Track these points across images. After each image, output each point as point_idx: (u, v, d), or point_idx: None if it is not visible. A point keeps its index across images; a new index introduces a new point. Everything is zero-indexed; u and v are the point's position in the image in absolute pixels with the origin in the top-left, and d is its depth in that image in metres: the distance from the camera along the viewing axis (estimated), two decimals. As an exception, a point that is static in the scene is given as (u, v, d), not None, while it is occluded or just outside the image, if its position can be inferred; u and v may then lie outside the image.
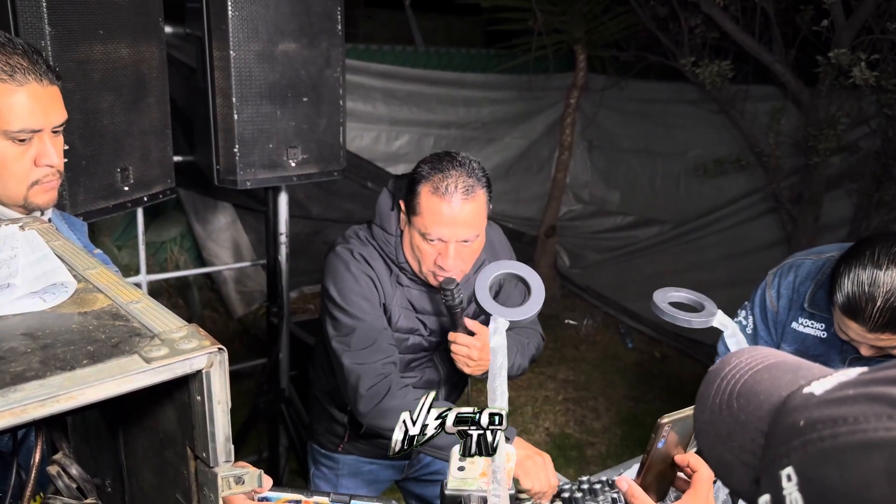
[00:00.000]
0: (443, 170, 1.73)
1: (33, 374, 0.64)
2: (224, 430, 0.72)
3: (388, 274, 1.88)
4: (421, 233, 1.75)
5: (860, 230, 4.84)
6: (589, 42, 5.62)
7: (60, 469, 0.83)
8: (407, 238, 1.82)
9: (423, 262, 1.80)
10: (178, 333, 0.72)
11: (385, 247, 1.87)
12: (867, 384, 0.52)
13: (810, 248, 4.95)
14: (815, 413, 0.53)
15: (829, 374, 0.59)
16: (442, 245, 1.75)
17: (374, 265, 1.86)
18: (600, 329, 5.36)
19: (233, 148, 2.51)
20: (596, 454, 3.90)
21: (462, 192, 1.71)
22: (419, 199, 1.74)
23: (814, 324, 1.94)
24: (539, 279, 1.41)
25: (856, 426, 0.49)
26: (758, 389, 0.63)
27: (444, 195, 1.70)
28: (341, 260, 1.85)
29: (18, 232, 0.96)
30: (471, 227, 1.75)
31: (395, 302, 1.88)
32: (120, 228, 4.62)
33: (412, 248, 1.80)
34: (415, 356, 1.97)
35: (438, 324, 1.95)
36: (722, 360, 0.71)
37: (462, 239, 1.75)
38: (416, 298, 1.91)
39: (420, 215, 1.74)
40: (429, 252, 1.77)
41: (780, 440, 0.56)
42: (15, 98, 1.27)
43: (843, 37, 4.25)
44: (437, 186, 1.71)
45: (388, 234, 1.87)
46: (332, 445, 2.12)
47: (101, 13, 2.04)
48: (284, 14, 2.49)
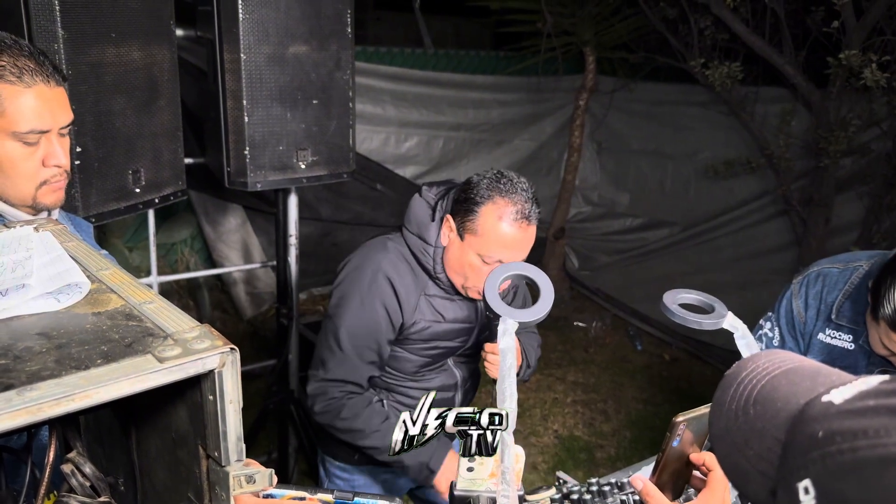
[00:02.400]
0: (506, 194, 1.71)
1: (49, 373, 0.65)
2: (236, 429, 0.73)
3: (415, 285, 1.85)
4: (479, 253, 1.74)
5: (871, 233, 4.81)
6: (598, 44, 5.62)
7: (74, 468, 0.84)
8: (454, 254, 1.79)
9: (472, 280, 1.79)
10: (190, 333, 0.73)
11: (422, 257, 1.84)
12: (889, 395, 0.51)
13: (821, 250, 4.94)
14: (835, 424, 0.52)
15: (849, 381, 0.58)
16: (499, 265, 1.74)
17: (397, 282, 1.82)
18: (609, 331, 5.35)
19: (243, 150, 2.53)
20: (605, 456, 3.90)
21: (527, 220, 1.73)
22: (480, 221, 1.72)
23: (841, 335, 1.90)
24: (548, 281, 1.41)
25: (876, 440, 0.48)
26: (775, 396, 0.61)
27: (512, 222, 1.71)
28: (357, 280, 1.83)
29: (33, 233, 0.97)
30: (527, 250, 1.78)
31: (419, 315, 1.86)
32: (131, 230, 4.65)
33: (461, 264, 1.79)
34: (432, 361, 1.97)
35: (463, 331, 1.95)
36: (738, 364, 0.69)
37: (518, 260, 1.76)
38: (446, 308, 1.90)
39: (481, 237, 1.73)
40: (483, 270, 1.75)
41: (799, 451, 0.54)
42: (23, 99, 1.29)
43: (854, 38, 4.23)
44: (504, 212, 1.70)
45: (426, 244, 1.83)
46: (346, 456, 2.07)
47: (113, 16, 2.06)
48: (294, 17, 2.50)
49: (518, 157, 6.46)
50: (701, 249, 6.00)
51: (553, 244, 5.85)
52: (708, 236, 6.03)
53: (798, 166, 5.13)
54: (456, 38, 8.14)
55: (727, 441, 0.64)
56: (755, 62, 5.08)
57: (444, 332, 1.92)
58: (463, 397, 2.09)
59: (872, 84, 3.98)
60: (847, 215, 5.06)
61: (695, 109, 6.02)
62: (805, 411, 0.57)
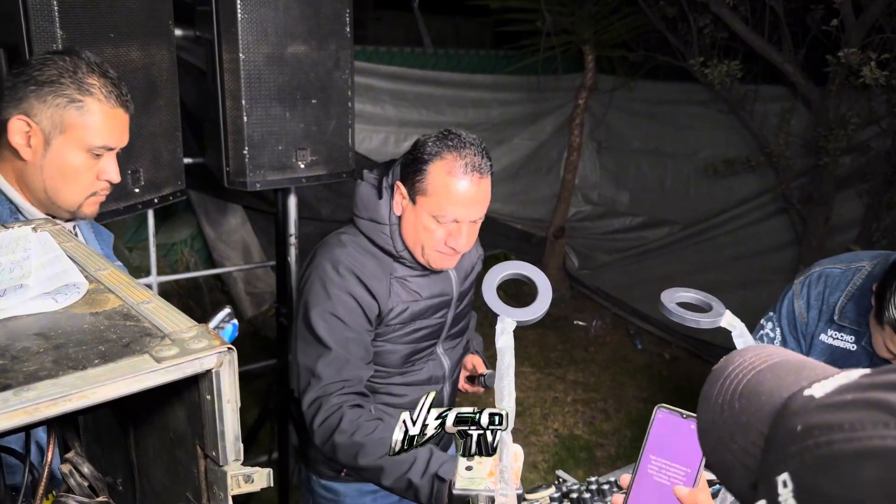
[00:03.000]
0: (454, 149, 1.67)
1: (46, 373, 0.65)
2: (233, 429, 0.73)
3: (381, 272, 1.78)
4: (432, 214, 1.68)
5: (871, 231, 4.82)
6: (597, 43, 5.62)
7: (72, 467, 0.84)
8: (409, 221, 1.74)
9: (429, 243, 1.72)
10: (188, 333, 0.73)
11: (378, 239, 1.78)
12: (866, 389, 0.51)
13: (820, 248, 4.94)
14: (814, 418, 0.52)
15: (832, 374, 0.58)
16: (454, 225, 1.70)
17: (362, 273, 1.75)
18: (609, 330, 5.35)
19: (242, 150, 2.53)
20: (605, 455, 3.90)
21: (478, 172, 1.66)
22: (429, 179, 1.67)
23: (843, 336, 1.89)
24: (546, 280, 1.41)
25: (852, 434, 0.48)
26: (760, 390, 0.61)
27: (462, 176, 1.65)
28: (319, 277, 1.76)
29: (31, 233, 0.97)
30: (484, 206, 1.72)
31: (395, 300, 1.79)
32: (131, 230, 4.65)
33: (416, 230, 1.73)
34: (418, 347, 1.89)
35: (444, 305, 1.89)
36: (726, 359, 0.70)
37: (475, 218, 1.71)
38: (419, 285, 1.83)
39: (431, 196, 1.67)
40: (437, 233, 1.70)
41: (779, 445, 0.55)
42: (105, 118, 1.48)
43: (853, 36, 4.23)
44: (452, 166, 1.65)
45: (380, 224, 1.77)
46: (332, 473, 1.96)
47: (111, 16, 2.06)
48: (293, 16, 2.50)
49: (518, 156, 6.46)
50: (701, 248, 6.00)
51: (553, 243, 5.85)
52: (708, 235, 6.03)
53: (798, 164, 5.13)
54: (455, 38, 8.13)
55: (713, 435, 0.64)
56: (754, 60, 5.08)
57: (423, 311, 1.84)
58: (452, 388, 2.03)
59: (871, 82, 3.98)
60: (847, 213, 5.06)
61: (694, 108, 6.02)
62: (787, 405, 0.57)
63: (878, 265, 1.84)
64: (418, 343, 1.88)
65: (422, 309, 1.84)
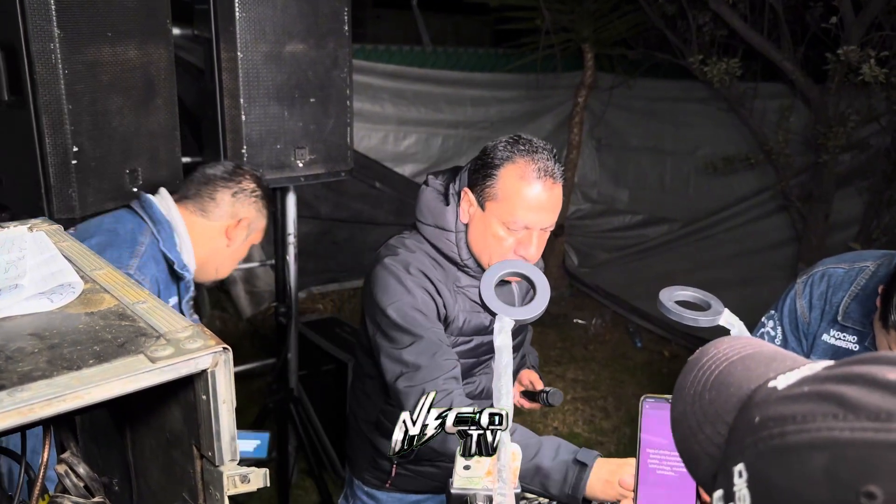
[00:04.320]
0: (527, 153, 1.62)
1: (40, 373, 0.64)
2: (229, 429, 0.73)
3: (446, 279, 1.73)
4: (502, 220, 1.64)
5: (871, 228, 4.81)
6: (597, 41, 5.62)
7: (68, 468, 0.84)
8: (477, 228, 1.68)
9: (498, 252, 1.67)
10: (183, 333, 0.73)
11: (443, 246, 1.73)
12: (823, 381, 0.52)
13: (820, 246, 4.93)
14: (771, 410, 0.53)
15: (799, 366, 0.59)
16: (525, 233, 1.64)
17: (431, 275, 1.70)
18: (609, 328, 5.35)
19: (241, 149, 2.52)
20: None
21: (551, 177, 1.62)
22: (501, 184, 1.62)
23: (846, 336, 1.86)
24: (545, 279, 1.41)
25: (803, 425, 0.49)
26: (730, 381, 0.62)
27: (534, 180, 1.60)
28: (392, 274, 1.68)
29: (27, 233, 0.97)
30: (555, 213, 1.66)
31: (458, 308, 1.74)
32: (130, 229, 4.64)
33: (485, 238, 1.67)
34: (478, 360, 1.84)
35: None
36: (701, 350, 0.70)
37: (546, 226, 1.66)
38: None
39: (502, 201, 1.62)
40: (507, 241, 1.65)
41: (738, 436, 0.56)
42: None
43: (853, 34, 4.23)
44: (525, 171, 1.60)
45: (446, 231, 1.72)
46: (377, 482, 1.92)
47: (109, 15, 2.05)
48: (292, 15, 2.49)
49: (517, 154, 6.45)
50: (700, 246, 6.00)
51: (552, 241, 5.84)
52: (707, 232, 6.03)
53: (797, 162, 5.13)
54: (454, 36, 8.13)
55: (683, 425, 0.64)
56: (754, 58, 5.07)
57: (487, 325, 1.78)
58: None
59: (871, 80, 3.98)
60: (846, 211, 5.06)
61: (694, 106, 6.02)
62: (752, 396, 0.58)
63: (883, 265, 1.82)
64: (478, 357, 1.84)
65: (485, 322, 1.79)
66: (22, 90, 1.94)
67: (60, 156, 1.99)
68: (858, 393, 0.48)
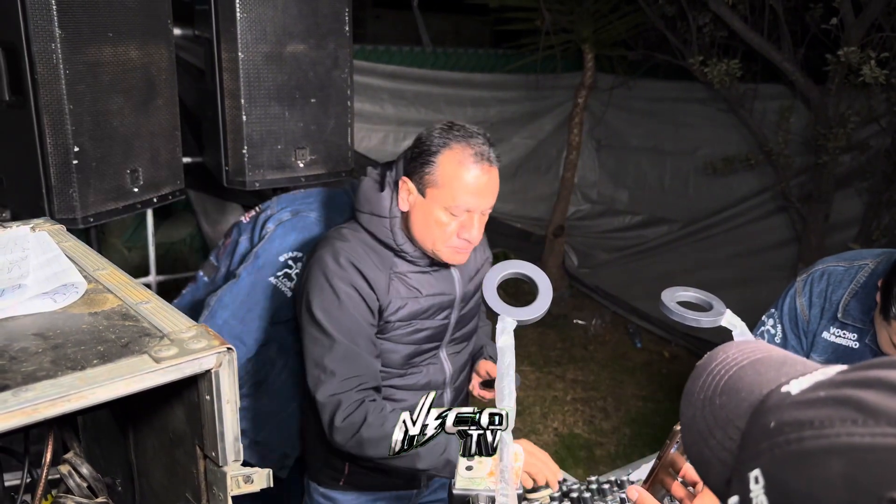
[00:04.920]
0: (463, 139, 1.66)
1: (44, 373, 0.64)
2: (233, 429, 0.73)
3: (381, 265, 1.75)
4: (444, 206, 1.66)
5: (870, 229, 4.82)
6: (597, 41, 5.62)
7: (71, 468, 0.84)
8: (419, 216, 1.71)
9: (442, 238, 1.69)
10: (187, 333, 0.73)
11: (379, 232, 1.75)
12: (839, 386, 0.51)
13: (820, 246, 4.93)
14: (786, 415, 0.52)
15: (811, 370, 0.58)
16: (466, 216, 1.68)
17: (363, 266, 1.73)
18: (609, 329, 5.35)
19: (241, 149, 2.52)
20: (605, 454, 3.90)
21: (487, 161, 1.66)
22: (440, 171, 1.64)
23: (845, 333, 1.88)
24: (547, 279, 1.41)
25: (820, 430, 0.48)
26: (740, 386, 0.62)
27: (472, 165, 1.64)
28: (321, 269, 1.72)
29: (30, 233, 0.97)
30: (494, 196, 1.70)
31: (394, 295, 1.76)
32: (130, 229, 4.65)
33: (428, 224, 1.70)
34: (420, 348, 1.85)
35: (446, 305, 1.86)
36: (709, 355, 0.70)
37: (485, 208, 1.69)
38: (419, 281, 1.80)
39: (443, 187, 1.65)
40: (450, 226, 1.68)
41: (753, 441, 0.55)
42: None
43: (853, 35, 4.23)
44: (462, 156, 1.64)
45: (380, 217, 1.75)
46: (331, 482, 1.94)
47: (110, 15, 2.06)
48: (292, 15, 2.50)
49: (517, 154, 6.45)
50: (700, 246, 6.00)
51: (552, 242, 5.85)
52: (707, 233, 6.02)
53: (797, 163, 5.13)
54: (455, 36, 8.13)
55: (694, 430, 0.64)
56: (754, 59, 5.07)
57: (424, 310, 1.81)
58: (454, 395, 1.98)
59: (871, 81, 3.98)
60: (846, 212, 5.06)
61: (694, 106, 6.02)
62: (764, 401, 0.57)
63: (882, 262, 1.83)
64: (420, 344, 1.85)
65: (422, 308, 1.81)
66: (23, 90, 1.94)
67: (61, 156, 1.99)
68: (877, 397, 0.47)
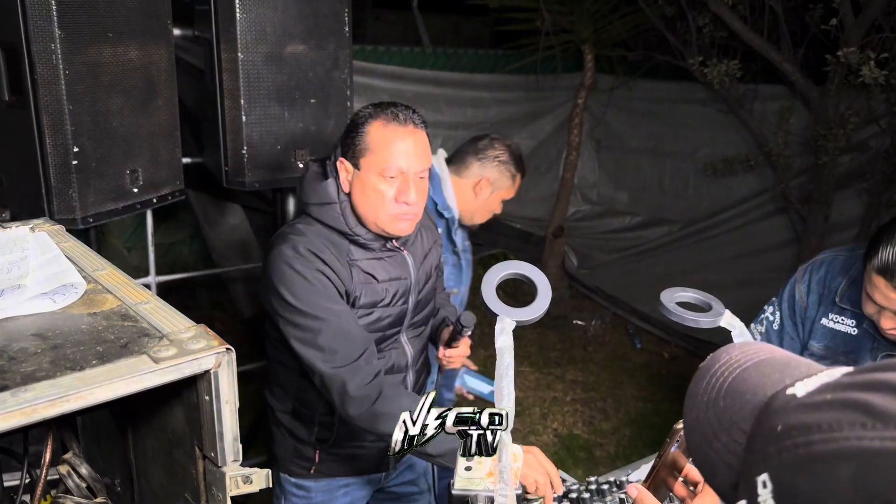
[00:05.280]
0: (386, 107, 1.75)
1: (44, 374, 0.65)
2: (232, 429, 0.73)
3: (339, 254, 1.77)
4: (378, 171, 1.71)
5: (870, 230, 4.81)
6: (597, 42, 5.62)
7: (70, 468, 0.84)
8: (358, 190, 1.75)
9: (381, 206, 1.73)
10: (186, 334, 0.73)
11: (331, 220, 1.78)
12: (846, 388, 0.50)
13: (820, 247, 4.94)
14: (793, 418, 0.52)
15: (815, 373, 0.58)
16: (402, 178, 1.73)
17: (322, 254, 1.74)
18: (609, 329, 5.35)
19: (241, 149, 2.52)
20: (604, 455, 3.90)
21: (412, 123, 1.74)
22: (369, 138, 1.73)
23: (844, 319, 1.94)
24: (546, 280, 1.41)
25: (829, 434, 0.48)
26: (744, 388, 0.61)
27: (398, 127, 1.72)
28: (285, 259, 1.73)
29: (29, 234, 0.97)
30: (426, 158, 1.77)
31: (354, 281, 1.78)
32: (129, 230, 4.65)
33: (367, 196, 1.74)
34: (384, 335, 1.87)
35: (402, 290, 1.88)
36: (712, 356, 0.69)
37: (420, 170, 1.75)
38: (374, 268, 1.82)
39: (374, 152, 1.72)
40: (388, 192, 1.72)
41: (759, 444, 0.54)
42: None
43: (853, 35, 4.23)
44: (389, 120, 1.72)
45: (329, 204, 1.78)
46: (302, 471, 1.98)
47: (110, 16, 2.06)
48: (292, 16, 2.50)
49: (517, 155, 6.45)
50: (700, 247, 6.00)
51: (552, 243, 5.85)
52: (707, 234, 6.02)
53: (797, 163, 5.13)
54: (454, 37, 8.13)
55: (698, 432, 0.64)
56: (754, 59, 5.07)
57: (382, 297, 1.83)
58: (416, 377, 2.00)
59: (871, 81, 3.98)
60: (846, 212, 5.06)
61: (693, 107, 6.02)
62: (769, 404, 0.57)
63: None
64: (384, 331, 1.87)
65: (380, 294, 1.83)
66: (23, 90, 1.94)
67: (61, 156, 1.99)
68: (884, 401, 0.47)
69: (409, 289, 1.90)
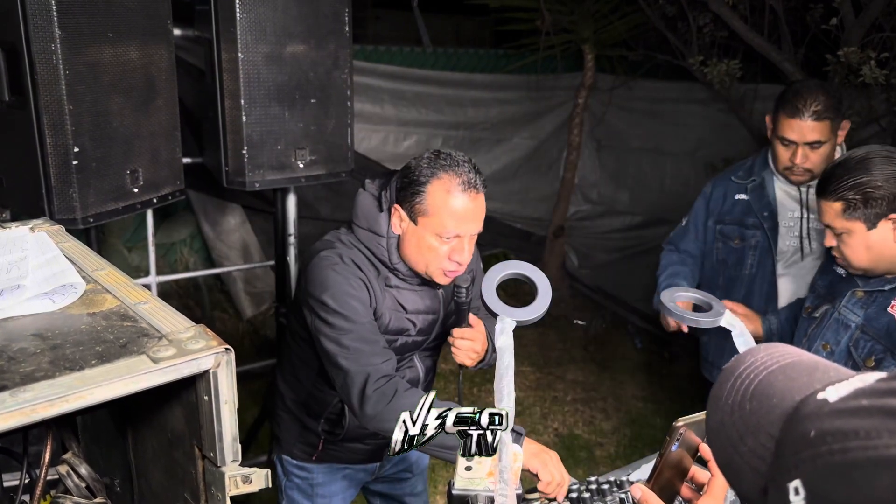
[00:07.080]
0: (449, 168, 1.73)
1: (43, 374, 0.65)
2: (231, 429, 0.73)
3: (377, 277, 1.85)
4: (435, 232, 1.75)
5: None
6: (597, 41, 5.61)
7: (70, 468, 0.84)
8: (411, 242, 1.80)
9: (435, 261, 1.79)
10: (185, 334, 0.73)
11: (375, 249, 1.84)
12: (883, 395, 0.49)
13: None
14: (827, 424, 0.51)
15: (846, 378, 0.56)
16: (457, 241, 1.76)
17: (364, 269, 1.83)
18: (609, 329, 5.35)
19: (241, 149, 2.52)
20: (605, 455, 3.90)
21: (474, 188, 1.73)
22: (430, 200, 1.73)
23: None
24: (546, 280, 1.41)
25: (867, 441, 0.46)
26: (771, 392, 0.60)
27: (461, 193, 1.72)
28: (329, 263, 1.81)
29: (29, 234, 0.97)
30: (481, 220, 1.79)
31: (384, 305, 1.86)
32: (130, 230, 4.65)
33: (420, 250, 1.79)
34: (402, 357, 1.96)
35: (426, 322, 1.95)
36: (737, 358, 0.68)
37: (474, 232, 1.78)
38: (407, 299, 1.90)
39: (433, 216, 1.74)
40: (441, 250, 1.77)
41: (791, 450, 0.53)
42: None
43: (853, 35, 4.22)
44: (451, 185, 1.72)
45: (378, 236, 1.84)
46: (305, 456, 2.10)
47: (110, 16, 2.06)
48: (292, 16, 2.49)
49: (517, 155, 6.45)
50: (700, 247, 5.98)
51: (552, 242, 5.85)
52: (707, 234, 6.01)
53: (797, 164, 5.11)
54: (455, 37, 8.13)
55: (722, 436, 0.63)
56: (754, 59, 5.07)
57: (408, 324, 1.91)
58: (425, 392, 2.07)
59: (871, 81, 3.97)
60: (846, 212, 5.05)
61: (694, 107, 6.02)
62: (799, 409, 0.56)
63: None
64: (401, 353, 1.95)
65: (406, 325, 1.91)
66: (23, 91, 1.94)
67: (61, 156, 1.99)
68: None
69: (437, 322, 1.97)
